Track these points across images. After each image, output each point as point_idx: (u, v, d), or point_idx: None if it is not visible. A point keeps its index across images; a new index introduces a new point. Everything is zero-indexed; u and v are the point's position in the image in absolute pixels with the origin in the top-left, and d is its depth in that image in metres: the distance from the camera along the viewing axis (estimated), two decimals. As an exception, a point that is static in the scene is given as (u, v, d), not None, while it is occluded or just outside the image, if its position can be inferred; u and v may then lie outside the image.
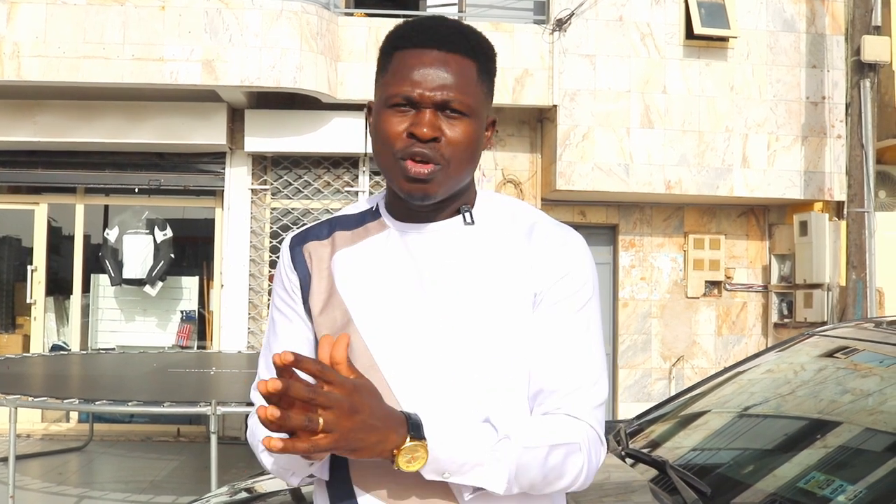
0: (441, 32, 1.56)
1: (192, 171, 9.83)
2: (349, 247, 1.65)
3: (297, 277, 1.66)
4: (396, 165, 1.54)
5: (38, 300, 10.15)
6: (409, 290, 1.58)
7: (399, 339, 1.56)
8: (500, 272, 1.59)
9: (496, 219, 1.66)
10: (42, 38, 8.60)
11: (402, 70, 1.54)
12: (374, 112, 1.60)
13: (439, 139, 1.53)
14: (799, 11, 9.75)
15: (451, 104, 1.53)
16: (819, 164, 9.65)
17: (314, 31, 8.84)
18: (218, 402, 5.36)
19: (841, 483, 2.37)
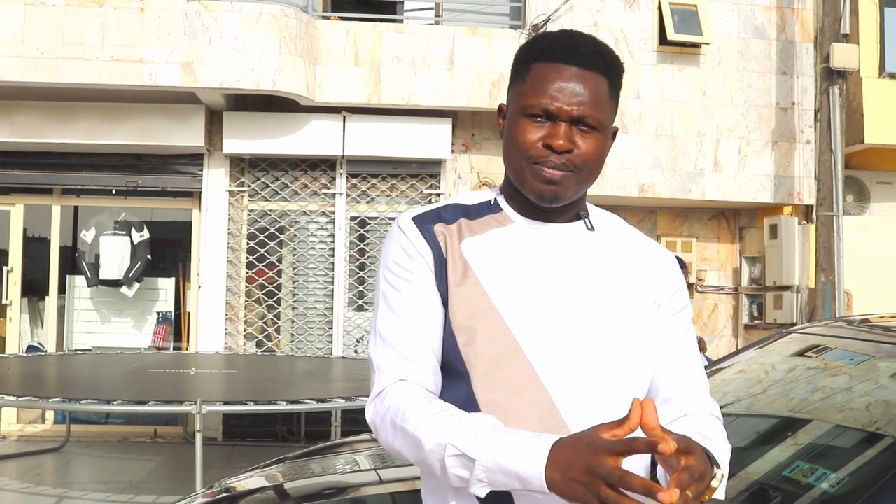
0: (581, 50, 1.66)
1: (170, 172, 9.85)
2: (477, 235, 1.71)
3: (430, 253, 1.69)
4: (530, 169, 1.65)
5: (14, 301, 10.13)
6: (544, 279, 1.67)
7: (540, 325, 1.64)
8: (622, 274, 1.72)
9: (611, 228, 1.78)
10: (20, 38, 8.61)
11: (541, 83, 1.65)
12: (509, 117, 1.70)
13: (572, 151, 1.63)
14: (770, 19, 9.94)
15: (586, 119, 1.64)
16: (789, 168, 9.83)
17: (293, 34, 8.91)
18: (203, 402, 5.42)
19: (826, 472, 2.49)
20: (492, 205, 1.77)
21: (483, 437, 1.47)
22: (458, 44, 9.40)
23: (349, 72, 9.32)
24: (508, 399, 1.61)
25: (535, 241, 1.71)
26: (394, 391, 1.64)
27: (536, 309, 1.65)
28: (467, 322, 1.64)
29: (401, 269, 1.71)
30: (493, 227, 1.73)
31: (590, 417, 1.56)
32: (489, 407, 1.60)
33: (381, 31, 9.39)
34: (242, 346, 9.78)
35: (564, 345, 1.64)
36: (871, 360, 3.20)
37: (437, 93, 9.35)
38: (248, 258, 9.84)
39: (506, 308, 1.64)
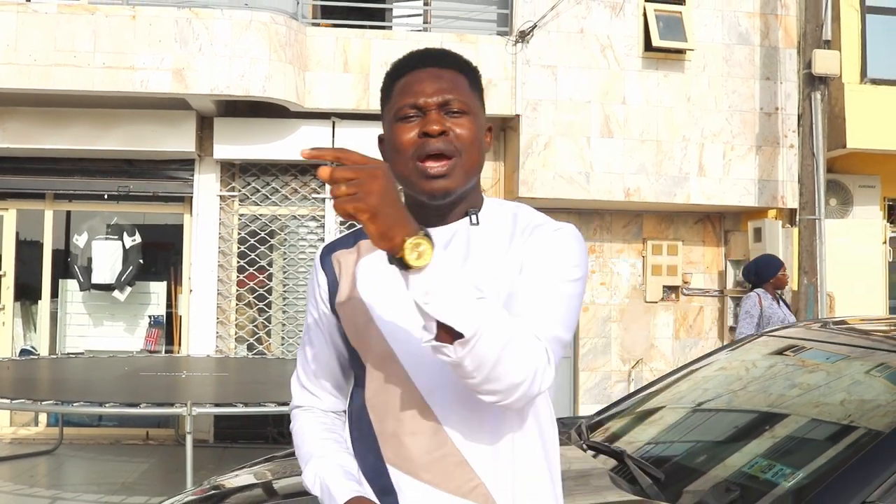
0: (432, 53, 1.82)
1: (161, 177, 9.96)
2: (372, 253, 1.83)
3: (325, 281, 1.89)
4: (415, 169, 1.75)
5: (7, 305, 10.22)
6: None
7: (409, 330, 1.75)
8: (499, 265, 1.77)
9: (498, 220, 1.84)
10: (13, 45, 8.71)
11: (404, 88, 1.78)
12: (388, 134, 1.82)
13: (448, 133, 1.74)
14: (753, 25, 10.08)
15: (452, 104, 1.75)
16: (773, 172, 9.97)
17: (282, 41, 9.02)
18: (193, 403, 5.53)
19: (782, 468, 2.61)
20: None
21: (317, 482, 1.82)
22: (445, 50, 9.50)
23: (338, 78, 9.43)
24: (386, 401, 1.78)
25: None
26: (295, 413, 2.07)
27: (404, 315, 1.75)
28: (355, 335, 1.81)
29: (311, 302, 1.96)
30: None
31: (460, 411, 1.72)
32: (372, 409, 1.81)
33: (370, 38, 9.51)
34: (233, 349, 9.88)
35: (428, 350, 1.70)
36: (832, 361, 3.33)
37: (426, 99, 9.45)
38: (238, 262, 9.95)
39: (382, 322, 1.78)
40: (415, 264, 1.50)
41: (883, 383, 3.04)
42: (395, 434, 1.75)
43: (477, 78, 1.87)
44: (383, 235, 1.50)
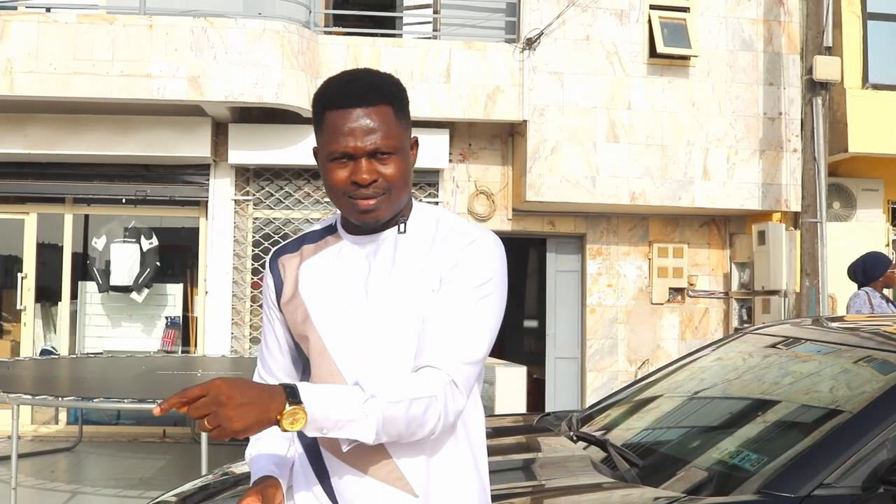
0: (358, 92, 1.94)
1: (178, 182, 10.22)
2: (312, 257, 2.06)
3: (273, 284, 2.09)
4: (348, 203, 1.94)
5: (28, 306, 10.50)
6: (354, 289, 1.99)
7: (344, 330, 1.98)
8: (420, 268, 1.97)
9: (423, 226, 2.04)
10: (34, 54, 8.98)
11: (334, 130, 1.93)
12: (320, 162, 1.99)
13: (377, 180, 1.92)
14: (757, 32, 10.27)
15: (381, 150, 1.92)
16: (776, 176, 10.15)
17: (295, 49, 9.26)
18: (209, 400, 5.76)
19: (748, 454, 2.83)
20: (331, 227, 2.10)
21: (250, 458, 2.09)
22: (454, 57, 9.75)
23: (350, 85, 9.64)
24: None
25: (353, 253, 2.02)
26: None
27: (341, 317, 1.98)
28: (296, 332, 2.04)
29: (265, 303, 2.15)
30: (327, 247, 2.06)
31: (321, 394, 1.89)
32: None
33: (381, 46, 9.75)
34: (248, 350, 10.13)
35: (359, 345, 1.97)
36: (823, 354, 3.54)
37: (435, 105, 9.69)
38: (253, 265, 10.20)
39: (319, 319, 1.99)
40: (294, 429, 1.71)
41: (864, 374, 3.23)
42: None
43: (402, 101, 2.00)
44: (261, 424, 1.68)
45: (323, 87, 2.01)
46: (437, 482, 1.97)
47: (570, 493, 2.86)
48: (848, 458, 2.60)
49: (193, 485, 3.95)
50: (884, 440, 2.63)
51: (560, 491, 2.72)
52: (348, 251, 2.04)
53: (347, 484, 1.95)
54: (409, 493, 1.94)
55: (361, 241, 2.03)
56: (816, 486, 2.56)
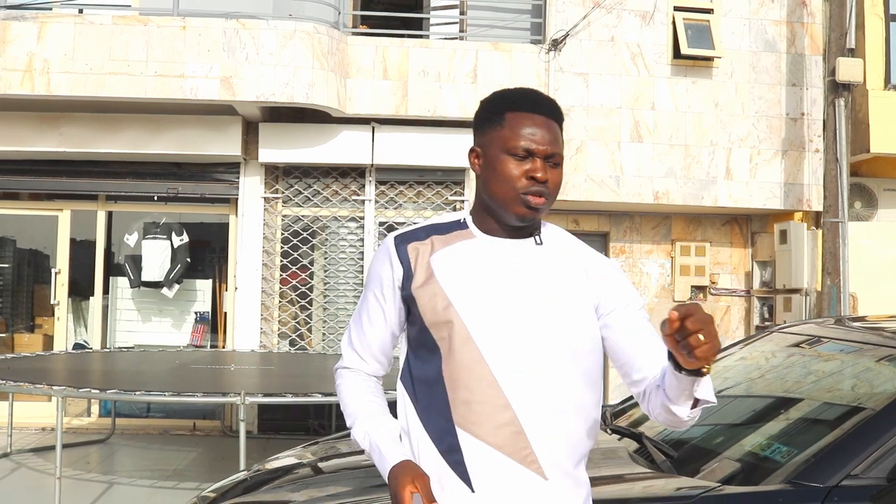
0: (543, 102, 2.21)
1: (208, 180, 10.41)
2: (445, 248, 2.23)
3: (401, 268, 2.23)
4: (517, 197, 2.14)
5: (62, 301, 10.72)
6: (496, 284, 2.17)
7: (492, 322, 2.14)
8: (566, 279, 2.20)
9: (556, 243, 2.26)
10: (70, 55, 9.18)
11: (519, 127, 2.16)
12: (491, 156, 2.19)
13: (547, 181, 2.15)
14: (780, 33, 10.37)
15: (554, 157, 2.17)
16: (798, 176, 10.26)
17: (325, 49, 9.43)
18: (246, 394, 5.96)
19: (780, 447, 2.98)
20: (460, 223, 2.27)
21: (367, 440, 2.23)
22: (481, 58, 9.90)
23: (378, 85, 9.84)
24: (462, 376, 2.14)
25: (493, 253, 2.21)
26: (341, 373, 2.41)
27: (484, 305, 2.15)
28: (434, 316, 2.17)
29: (370, 279, 2.31)
30: (460, 241, 2.23)
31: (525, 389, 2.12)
32: (449, 381, 2.16)
33: (408, 47, 9.91)
34: (276, 345, 10.31)
35: (508, 337, 2.13)
36: (845, 353, 3.68)
37: (461, 105, 9.84)
38: (282, 261, 10.38)
39: (463, 308, 2.15)
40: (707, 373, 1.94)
41: (886, 373, 3.38)
42: (466, 402, 2.12)
43: (562, 125, 2.26)
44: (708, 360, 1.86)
45: (503, 92, 2.27)
46: (564, 469, 2.15)
47: (615, 482, 3.01)
48: (874, 450, 2.75)
49: (231, 480, 4.11)
50: (908, 434, 2.78)
51: (604, 480, 2.87)
52: (485, 249, 2.22)
53: (482, 460, 2.12)
54: (540, 475, 2.12)
55: (498, 243, 2.22)
56: (844, 477, 2.71)
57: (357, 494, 3.30)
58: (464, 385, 2.13)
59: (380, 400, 2.34)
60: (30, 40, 9.17)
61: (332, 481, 3.79)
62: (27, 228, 11.28)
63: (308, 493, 3.56)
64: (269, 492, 3.81)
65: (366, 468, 4.00)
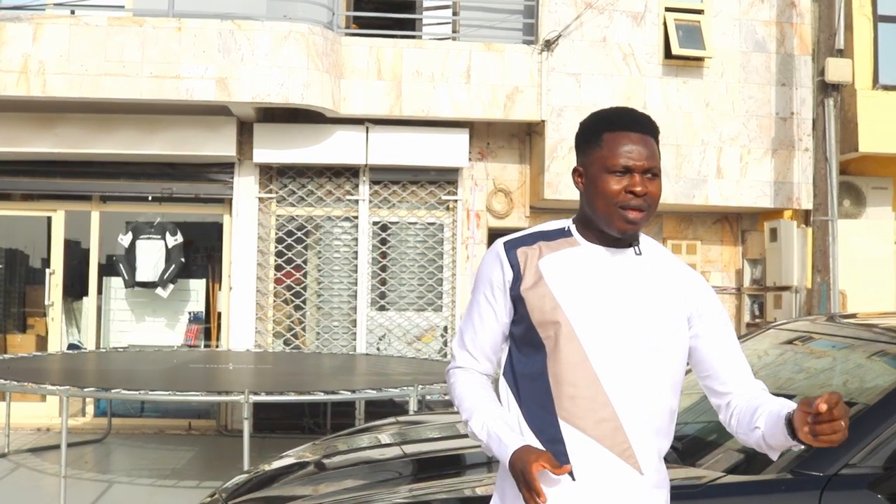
0: (638, 120, 2.35)
1: (203, 180, 10.46)
2: (551, 253, 2.35)
3: (511, 272, 2.35)
4: (617, 213, 2.27)
5: (56, 302, 10.75)
6: (599, 289, 2.30)
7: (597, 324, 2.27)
8: (663, 289, 2.34)
9: (654, 254, 2.40)
10: (66, 56, 9.22)
11: (616, 146, 2.29)
12: (593, 175, 2.32)
13: (646, 194, 2.27)
14: (770, 33, 10.48)
15: (652, 170, 2.30)
16: (788, 175, 10.37)
17: (319, 50, 9.49)
18: (250, 392, 6.03)
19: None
20: (565, 231, 2.40)
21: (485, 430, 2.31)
22: (474, 58, 9.98)
23: (372, 85, 9.90)
24: (566, 372, 2.28)
25: (596, 260, 2.34)
26: (454, 373, 2.50)
27: (590, 308, 2.28)
28: (541, 316, 2.29)
29: (480, 281, 2.44)
30: (566, 248, 2.36)
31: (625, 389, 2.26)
32: (553, 376, 2.30)
33: (402, 48, 9.98)
34: (271, 344, 10.37)
35: (608, 336, 2.27)
36: (837, 349, 3.77)
37: (455, 105, 9.92)
38: (276, 261, 10.44)
39: (567, 306, 2.28)
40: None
41: (878, 368, 3.47)
42: (570, 396, 2.25)
43: (658, 137, 2.39)
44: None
45: (600, 112, 2.41)
46: (655, 465, 2.31)
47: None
48: (871, 440, 2.85)
49: (234, 482, 4.16)
50: (904, 424, 2.88)
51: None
52: (589, 257, 2.35)
53: (583, 452, 2.25)
54: (637, 469, 2.26)
55: (601, 251, 2.35)
56: (843, 466, 2.80)
57: (367, 488, 3.38)
58: (568, 381, 2.27)
59: (493, 395, 2.45)
60: (25, 41, 9.20)
61: (346, 476, 3.86)
62: (21, 229, 11.30)
63: (324, 486, 3.63)
64: (291, 485, 3.87)
65: (371, 463, 4.09)
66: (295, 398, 6.36)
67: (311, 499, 3.43)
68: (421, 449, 4.18)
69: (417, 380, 7.03)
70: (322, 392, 6.36)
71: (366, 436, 4.72)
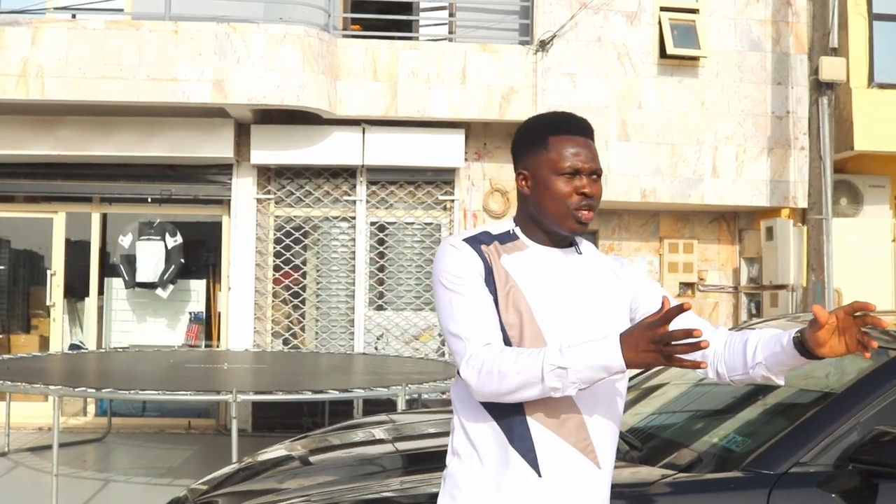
0: (580, 123, 2.43)
1: (201, 181, 10.54)
2: (509, 255, 2.40)
3: (481, 264, 2.36)
4: (570, 214, 2.35)
5: (57, 302, 10.86)
6: (555, 288, 2.36)
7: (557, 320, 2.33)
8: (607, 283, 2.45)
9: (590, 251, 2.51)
10: (64, 59, 9.31)
11: (563, 150, 2.37)
12: (541, 177, 2.38)
13: (595, 196, 2.37)
14: (765, 32, 10.51)
15: (597, 172, 2.38)
16: (784, 173, 10.40)
17: (315, 52, 9.56)
18: (238, 391, 6.11)
19: (735, 436, 3.11)
20: (511, 234, 2.45)
21: (567, 351, 2.16)
22: (469, 59, 10.03)
23: (368, 86, 9.97)
24: None
25: (548, 261, 2.40)
26: (484, 352, 2.26)
27: (552, 306, 2.33)
28: (510, 314, 2.32)
29: (459, 276, 2.35)
30: (521, 250, 2.41)
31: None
32: None
33: (398, 49, 10.04)
34: (270, 344, 10.45)
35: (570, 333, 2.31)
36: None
37: (451, 105, 9.98)
38: (274, 261, 10.52)
39: (535, 304, 2.33)
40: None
41: (850, 366, 3.51)
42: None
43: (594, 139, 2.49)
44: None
45: (541, 117, 2.48)
46: (610, 458, 2.39)
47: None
48: (822, 440, 2.90)
49: (223, 472, 4.23)
50: (854, 424, 2.92)
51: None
52: (542, 258, 2.40)
53: (550, 449, 2.29)
54: (595, 464, 2.34)
55: (550, 252, 2.41)
56: (793, 465, 2.85)
57: (347, 482, 3.43)
58: None
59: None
60: (24, 45, 9.29)
61: (320, 471, 3.92)
62: (22, 230, 11.41)
63: (298, 481, 3.69)
64: (259, 482, 3.94)
65: (355, 459, 4.15)
66: (282, 397, 6.43)
67: (291, 493, 3.48)
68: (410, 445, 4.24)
69: (407, 379, 7.09)
70: (310, 391, 6.43)
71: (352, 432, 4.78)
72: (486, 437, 2.34)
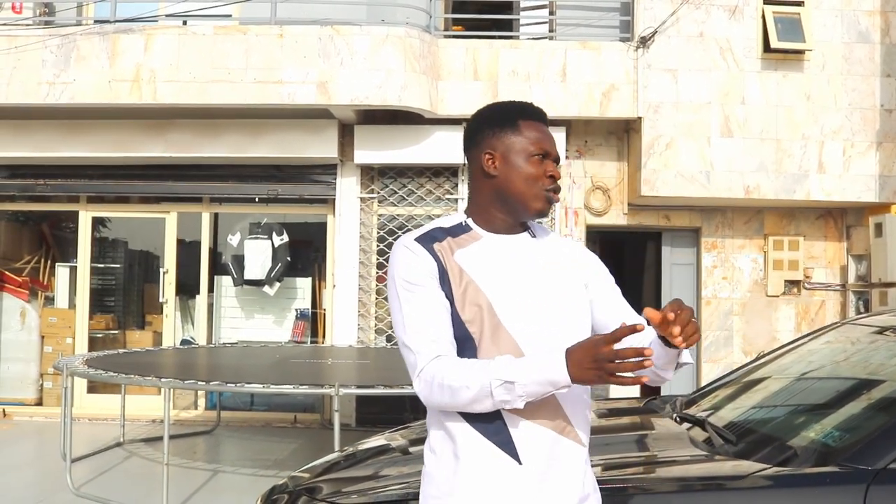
0: (543, 113, 2.52)
1: (307, 181, 10.78)
2: (463, 248, 2.42)
3: (434, 264, 2.37)
4: (540, 194, 2.41)
5: (169, 300, 11.23)
6: (513, 276, 2.38)
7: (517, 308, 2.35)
8: (562, 265, 2.47)
9: (544, 235, 2.54)
10: (175, 65, 9.63)
11: (534, 133, 2.44)
12: (512, 159, 2.43)
13: (559, 179, 2.45)
14: (873, 23, 10.26)
15: (559, 159, 2.47)
16: (894, 168, 10.14)
17: (417, 53, 9.69)
18: (340, 385, 6.27)
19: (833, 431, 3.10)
20: (464, 226, 2.47)
21: (514, 366, 2.19)
22: (569, 57, 10.04)
23: (469, 86, 10.06)
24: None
25: (503, 249, 2.43)
26: (434, 365, 2.28)
27: (510, 295, 2.35)
28: (468, 310, 2.33)
29: (413, 278, 2.36)
30: (474, 241, 2.43)
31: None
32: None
33: (498, 48, 10.11)
34: (373, 340, 10.63)
35: (531, 318, 2.34)
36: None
37: (551, 103, 9.99)
38: (378, 259, 10.69)
39: (492, 296, 2.34)
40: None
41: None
42: None
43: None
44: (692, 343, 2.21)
45: (505, 102, 2.55)
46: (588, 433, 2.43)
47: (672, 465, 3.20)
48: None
49: (323, 461, 4.34)
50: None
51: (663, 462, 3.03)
52: (496, 247, 2.44)
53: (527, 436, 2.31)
54: (578, 442, 2.38)
55: (504, 240, 2.45)
56: (892, 461, 2.81)
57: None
58: None
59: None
60: (137, 52, 9.65)
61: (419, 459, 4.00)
62: (137, 230, 11.85)
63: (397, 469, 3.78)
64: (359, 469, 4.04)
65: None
66: (383, 391, 6.55)
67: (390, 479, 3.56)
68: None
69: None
70: (410, 386, 6.52)
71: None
72: (462, 435, 2.34)
